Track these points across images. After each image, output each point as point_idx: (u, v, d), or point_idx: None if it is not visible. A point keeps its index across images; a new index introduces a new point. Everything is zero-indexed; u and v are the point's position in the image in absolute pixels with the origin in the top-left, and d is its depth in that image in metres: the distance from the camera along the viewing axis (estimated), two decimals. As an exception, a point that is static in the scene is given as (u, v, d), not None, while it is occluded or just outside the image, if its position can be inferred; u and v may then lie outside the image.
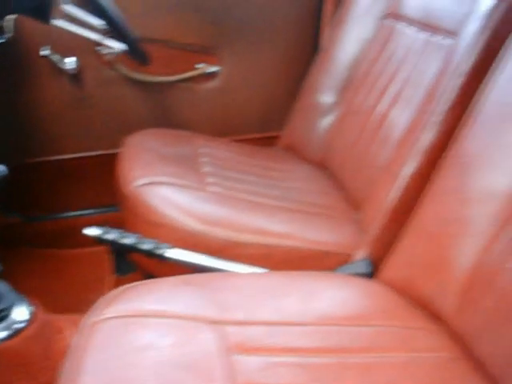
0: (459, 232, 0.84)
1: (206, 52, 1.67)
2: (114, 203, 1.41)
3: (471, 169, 0.85)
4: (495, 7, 1.03)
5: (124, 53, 1.35)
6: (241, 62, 1.70)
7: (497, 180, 0.81)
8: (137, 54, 1.32)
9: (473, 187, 0.84)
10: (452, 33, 1.17)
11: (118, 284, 1.28)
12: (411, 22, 1.34)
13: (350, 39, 1.54)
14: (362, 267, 1.07)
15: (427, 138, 1.04)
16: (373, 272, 1.05)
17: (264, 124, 1.77)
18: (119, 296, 0.80)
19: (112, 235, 1.01)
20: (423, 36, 1.28)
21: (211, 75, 1.69)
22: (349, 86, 1.50)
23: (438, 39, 1.22)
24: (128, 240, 1.00)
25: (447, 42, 1.18)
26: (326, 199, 1.31)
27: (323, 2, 1.69)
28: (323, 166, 1.50)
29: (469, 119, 0.89)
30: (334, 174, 1.44)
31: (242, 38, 1.68)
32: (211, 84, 1.70)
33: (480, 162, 0.84)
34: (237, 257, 1.06)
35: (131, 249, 1.00)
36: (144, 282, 0.86)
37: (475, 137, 0.86)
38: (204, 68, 1.67)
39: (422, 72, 1.23)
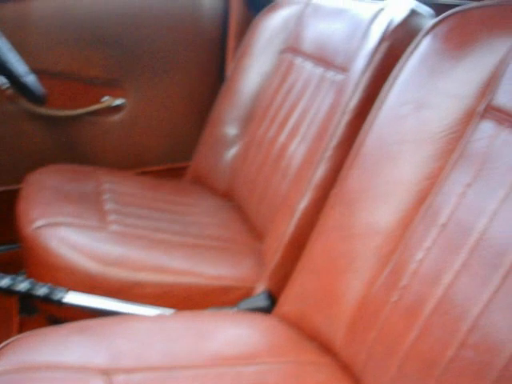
0: (345, 267, 0.87)
1: (110, 85, 1.67)
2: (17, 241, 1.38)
3: (354, 205, 0.88)
4: (378, 46, 1.09)
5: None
6: (146, 93, 1.70)
7: (378, 216, 0.85)
8: (27, 92, 1.30)
9: (356, 223, 0.87)
10: (343, 69, 1.21)
11: (23, 325, 1.25)
12: (308, 56, 1.39)
13: (253, 72, 1.57)
14: (262, 301, 1.09)
15: (319, 173, 1.08)
16: (273, 305, 1.07)
17: (172, 155, 1.78)
18: (7, 349, 0.79)
19: (4, 282, 0.99)
20: (319, 71, 1.32)
21: (117, 108, 1.69)
22: (252, 117, 1.53)
23: (331, 75, 1.27)
24: (21, 286, 0.98)
25: (339, 77, 1.23)
26: (229, 232, 1.32)
27: (227, 34, 1.72)
28: (230, 197, 1.53)
29: (353, 156, 0.93)
30: (240, 205, 1.46)
31: (147, 70, 1.69)
32: (117, 117, 1.69)
33: (362, 199, 0.88)
34: (136, 297, 1.05)
35: (26, 295, 0.99)
36: (36, 331, 0.85)
37: (357, 174, 0.90)
38: (109, 101, 1.67)
39: (317, 107, 1.27)
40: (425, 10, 1.15)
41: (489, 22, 0.81)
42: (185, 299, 1.09)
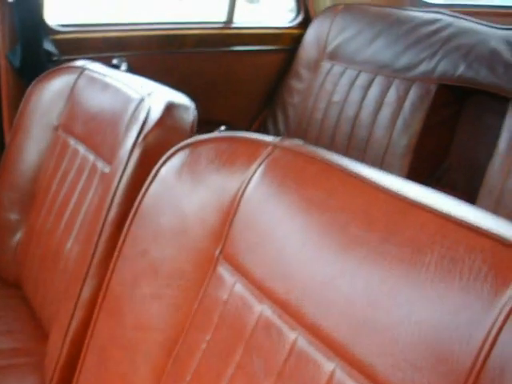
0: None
1: None
2: None
3: (106, 354, 0.83)
4: (132, 149, 1.03)
5: None
6: None
7: (130, 367, 0.80)
8: None
9: (109, 374, 0.82)
10: (109, 161, 1.15)
11: None
12: (80, 139, 1.30)
13: (29, 149, 1.46)
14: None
15: (86, 291, 1.02)
16: None
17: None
18: None
19: None
20: (91, 158, 1.24)
21: None
22: (32, 202, 1.41)
23: (101, 165, 1.19)
24: None
25: (106, 170, 1.16)
26: (13, 341, 1.22)
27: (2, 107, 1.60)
28: (19, 287, 1.42)
29: (101, 297, 0.87)
30: (28, 298, 1.36)
31: None
32: None
33: (113, 347, 0.82)
34: None
35: None
36: None
37: (106, 318, 0.85)
38: None
39: (89, 202, 1.19)
40: (185, 101, 1.10)
41: (219, 157, 0.78)
42: None
